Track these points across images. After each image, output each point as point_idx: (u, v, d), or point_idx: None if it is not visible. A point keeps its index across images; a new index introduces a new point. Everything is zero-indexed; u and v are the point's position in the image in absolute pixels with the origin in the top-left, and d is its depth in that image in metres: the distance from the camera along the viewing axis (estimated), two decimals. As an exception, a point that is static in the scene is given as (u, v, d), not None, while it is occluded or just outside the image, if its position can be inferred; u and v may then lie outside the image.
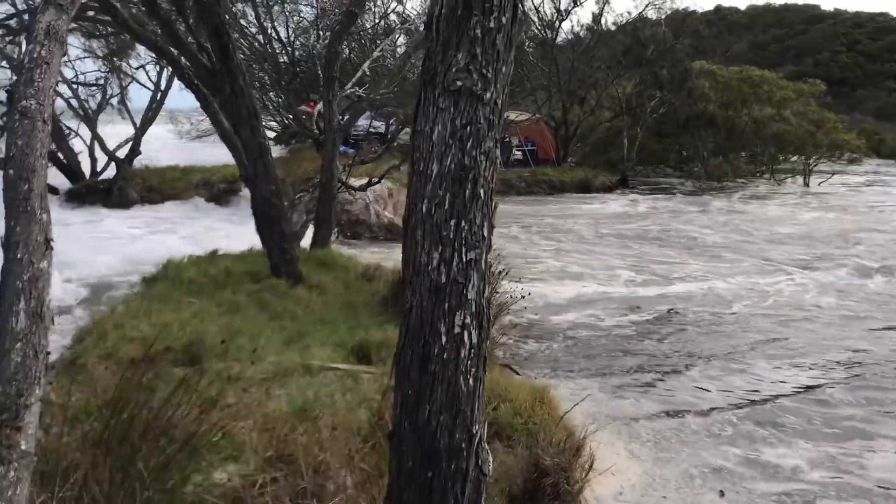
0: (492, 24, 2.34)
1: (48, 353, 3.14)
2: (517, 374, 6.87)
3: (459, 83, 2.36)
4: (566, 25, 30.04)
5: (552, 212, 21.77)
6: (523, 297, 7.42)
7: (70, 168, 20.36)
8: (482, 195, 2.47)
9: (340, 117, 9.52)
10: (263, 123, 9.10)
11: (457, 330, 2.53)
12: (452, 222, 2.45)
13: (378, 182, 12.14)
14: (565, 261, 13.73)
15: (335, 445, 3.99)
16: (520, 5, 2.32)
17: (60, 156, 20.25)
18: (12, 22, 13.89)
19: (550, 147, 29.49)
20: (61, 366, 5.67)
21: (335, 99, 9.17)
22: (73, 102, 20.87)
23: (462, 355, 2.55)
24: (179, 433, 3.72)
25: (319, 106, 17.62)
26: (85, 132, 20.95)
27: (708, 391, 7.09)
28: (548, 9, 29.73)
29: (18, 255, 3.20)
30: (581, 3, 29.61)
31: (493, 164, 2.44)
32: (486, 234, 2.53)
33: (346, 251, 11.15)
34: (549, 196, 25.34)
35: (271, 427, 4.13)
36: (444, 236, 2.46)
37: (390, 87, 11.68)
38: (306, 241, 9.86)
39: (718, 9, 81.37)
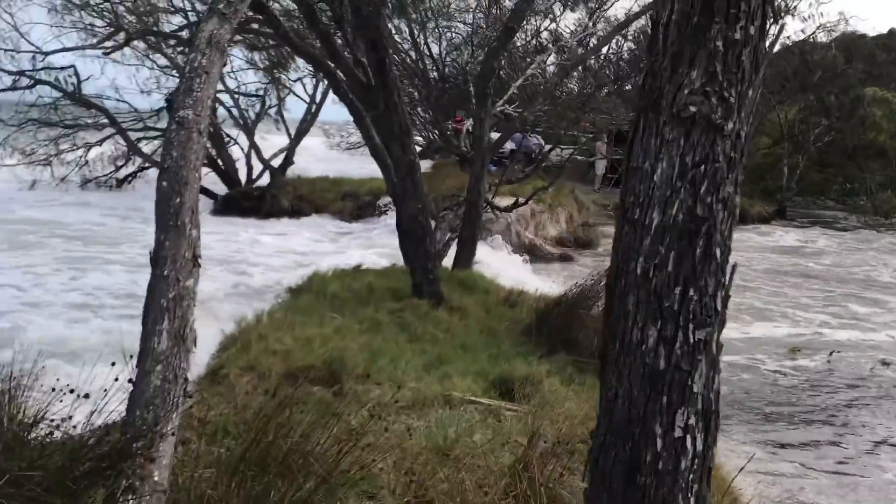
0: (737, 36, 1.86)
1: (188, 379, 2.99)
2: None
3: (693, 109, 1.88)
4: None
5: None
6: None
7: (227, 174, 21.32)
8: (718, 255, 1.95)
9: (491, 136, 9.26)
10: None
11: (677, 432, 2.01)
12: (677, 290, 1.94)
13: (525, 203, 11.80)
14: (745, 297, 12.76)
15: (476, 497, 3.65)
16: (771, 12, 1.81)
17: (220, 162, 21.27)
18: (184, 33, 14.61)
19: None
20: (205, 376, 5.66)
21: (487, 116, 8.92)
22: (234, 112, 21.86)
23: (682, 466, 2.02)
24: (318, 467, 3.49)
25: (467, 123, 17.55)
26: (243, 141, 21.91)
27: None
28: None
29: (165, 272, 3.07)
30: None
31: (732, 215, 1.92)
32: (719, 306, 2.00)
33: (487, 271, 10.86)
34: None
35: (410, 466, 3.86)
36: (666, 308, 1.96)
37: (542, 106, 11.33)
38: (448, 261, 9.66)
39: (892, 32, 75.44)
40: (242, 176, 21.71)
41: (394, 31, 19.88)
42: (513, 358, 6.28)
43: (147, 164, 21.04)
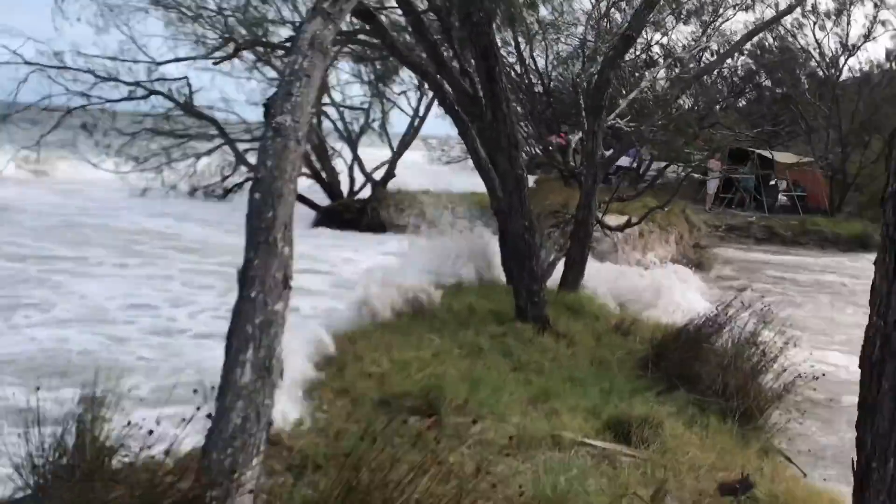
0: None
1: (271, 421, 2.63)
2: (803, 473, 5.60)
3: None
4: (852, 62, 27.16)
5: (832, 268, 19.30)
6: (816, 377, 6.08)
7: (330, 186, 21.46)
8: None
9: (603, 151, 8.73)
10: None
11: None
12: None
13: (638, 223, 11.17)
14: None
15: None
16: None
17: (323, 174, 21.44)
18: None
19: (823, 194, 26.47)
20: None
21: (600, 130, 8.40)
22: (339, 125, 22.02)
23: None
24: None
25: (573, 138, 16.97)
26: (346, 153, 22.02)
27: None
28: (832, 43, 26.72)
29: (253, 294, 2.73)
30: (874, 38, 26.15)
31: None
32: None
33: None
34: (820, 249, 22.65)
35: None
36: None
37: (658, 121, 10.68)
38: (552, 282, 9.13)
39: None
40: (345, 189, 21.82)
41: (499, 44, 19.57)
42: (627, 394, 5.72)
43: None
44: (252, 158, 21.20)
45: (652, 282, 10.36)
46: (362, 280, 8.22)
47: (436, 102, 22.72)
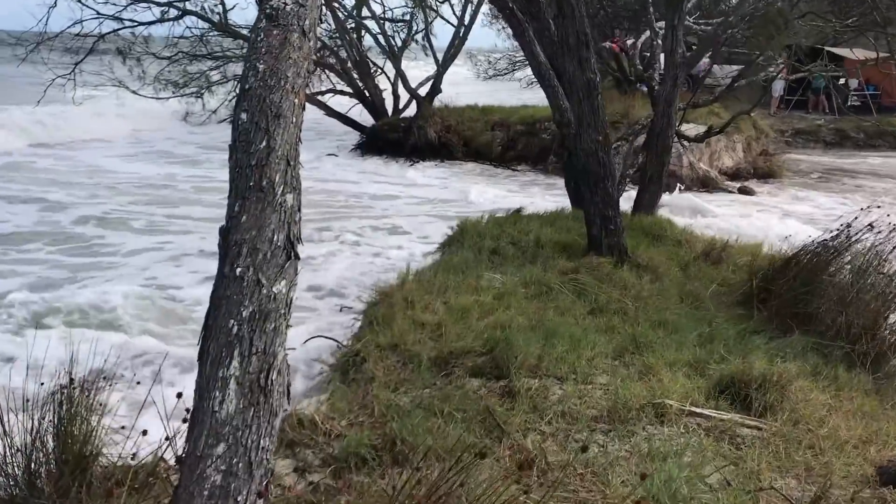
0: None
1: (272, 469, 1.74)
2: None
3: None
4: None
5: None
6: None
7: (374, 105, 20.38)
8: None
9: (683, 49, 7.47)
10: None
11: None
12: None
13: (721, 132, 9.90)
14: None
15: None
16: None
17: (366, 93, 20.32)
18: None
19: (899, 93, 24.37)
20: (337, 365, 4.53)
21: (680, 24, 7.13)
22: (380, 39, 20.73)
23: None
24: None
25: (627, 42, 15.50)
26: (389, 69, 20.82)
27: None
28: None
29: (238, 269, 1.82)
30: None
31: None
32: None
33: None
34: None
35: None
36: None
37: (740, 20, 9.24)
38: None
39: None
40: (389, 108, 20.72)
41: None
42: (732, 340, 4.74)
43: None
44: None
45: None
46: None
47: (483, 6, 21.32)
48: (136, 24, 19.09)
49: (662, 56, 8.20)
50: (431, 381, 4.11)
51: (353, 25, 20.54)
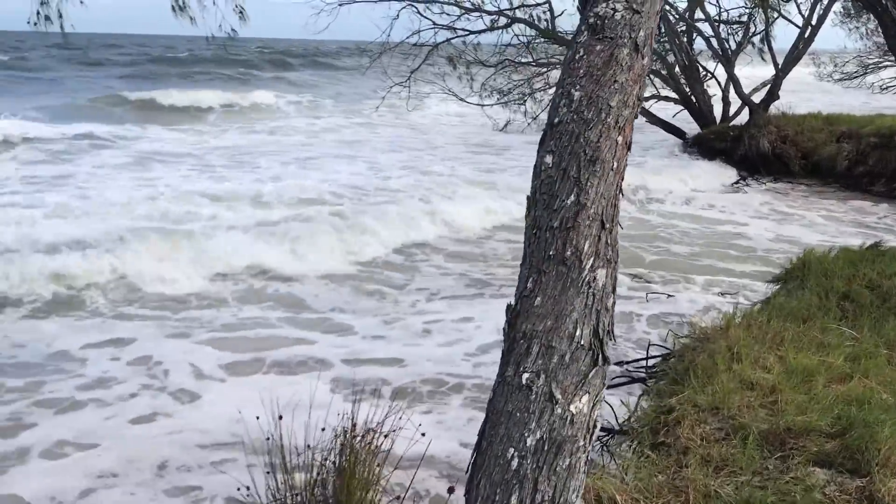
0: None
1: None
2: None
3: None
4: None
5: None
6: None
7: (700, 112, 19.12)
8: None
9: None
10: None
11: None
12: None
13: None
14: None
15: None
16: None
17: (693, 98, 19.13)
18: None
19: None
20: (647, 421, 3.93)
21: None
22: (713, 42, 19.35)
23: None
24: None
25: None
26: (720, 74, 19.37)
27: None
28: None
29: (524, 377, 1.35)
30: None
31: None
32: None
33: None
34: None
35: None
36: None
37: None
38: None
39: None
40: (717, 115, 19.30)
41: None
42: None
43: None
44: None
45: None
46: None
47: (835, 4, 18.93)
48: (468, 32, 19.96)
49: None
50: (762, 464, 3.35)
51: (683, 28, 19.45)
